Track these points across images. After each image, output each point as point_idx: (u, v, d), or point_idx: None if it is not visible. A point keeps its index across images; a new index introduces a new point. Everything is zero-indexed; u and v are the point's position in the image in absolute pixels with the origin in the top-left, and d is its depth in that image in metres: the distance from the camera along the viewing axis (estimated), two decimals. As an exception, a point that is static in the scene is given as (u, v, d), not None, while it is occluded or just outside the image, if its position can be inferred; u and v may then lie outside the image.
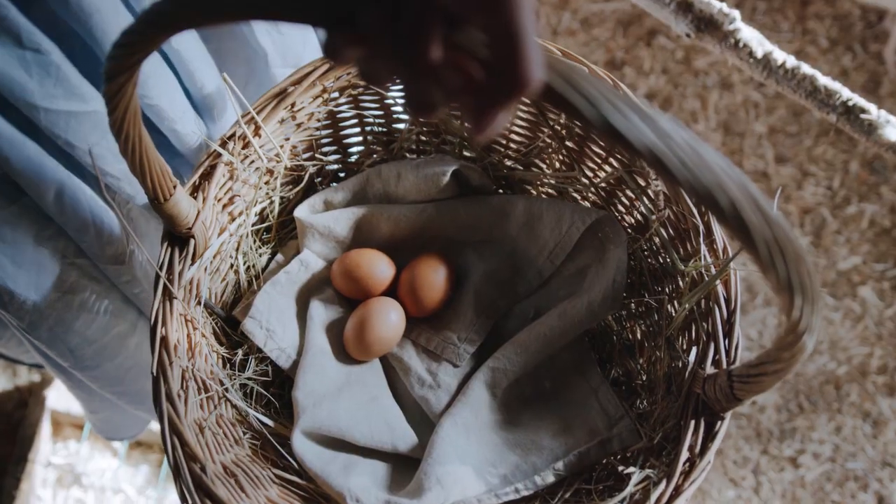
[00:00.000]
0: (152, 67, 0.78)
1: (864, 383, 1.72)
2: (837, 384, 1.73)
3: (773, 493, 1.64)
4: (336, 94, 0.85)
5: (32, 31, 0.70)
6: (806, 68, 0.77)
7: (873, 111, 0.77)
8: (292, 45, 0.92)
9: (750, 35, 0.78)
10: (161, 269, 0.75)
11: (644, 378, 0.85)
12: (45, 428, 1.63)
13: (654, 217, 0.80)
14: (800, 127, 1.93)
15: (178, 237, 0.76)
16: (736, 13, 0.77)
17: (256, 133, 0.81)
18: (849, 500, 1.63)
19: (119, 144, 0.63)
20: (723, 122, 1.94)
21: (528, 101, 0.85)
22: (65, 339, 0.92)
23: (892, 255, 1.82)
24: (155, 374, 0.71)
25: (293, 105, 0.83)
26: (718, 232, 0.76)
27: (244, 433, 0.79)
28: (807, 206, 1.88)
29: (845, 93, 0.77)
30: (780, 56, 0.78)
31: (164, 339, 0.72)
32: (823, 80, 0.78)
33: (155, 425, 1.56)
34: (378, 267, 0.88)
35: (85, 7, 0.71)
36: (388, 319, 0.85)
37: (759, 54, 0.78)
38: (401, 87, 0.43)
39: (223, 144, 0.80)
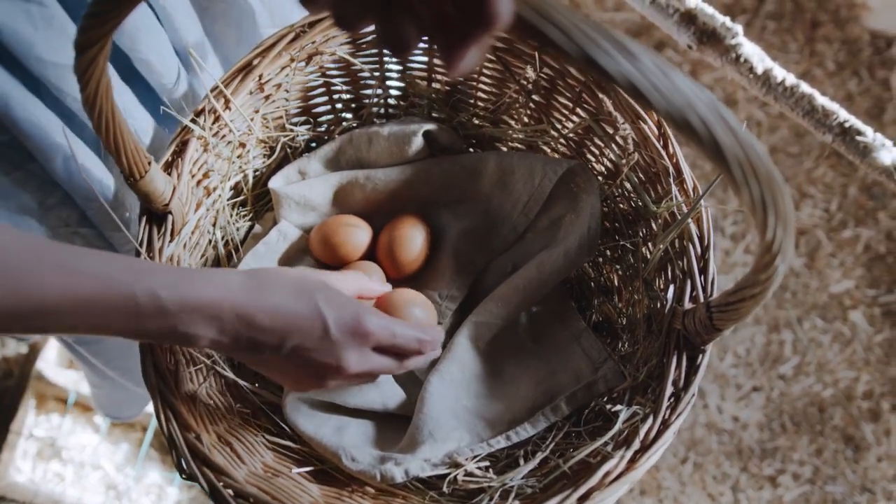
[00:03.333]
0: (142, 21, 0.78)
1: (849, 407, 1.74)
2: (822, 406, 1.74)
3: (750, 512, 1.66)
4: (302, 64, 0.86)
5: None
6: (805, 87, 0.78)
7: (869, 134, 0.78)
8: (281, 4, 0.92)
9: (751, 50, 0.79)
10: (141, 246, 0.75)
11: (624, 321, 0.87)
12: (29, 400, 1.65)
13: (623, 162, 0.82)
14: (801, 148, 1.93)
15: (155, 214, 0.77)
16: (738, 28, 0.78)
17: (227, 107, 0.81)
18: (826, 522, 1.65)
19: (93, 121, 0.63)
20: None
21: (497, 48, 0.86)
22: None
23: (885, 281, 1.83)
24: (142, 349, 0.71)
25: (261, 77, 0.83)
26: (688, 172, 0.78)
27: (235, 403, 0.80)
28: (803, 227, 1.88)
29: (842, 114, 0.78)
30: (780, 73, 0.79)
31: (150, 315, 0.72)
32: (821, 100, 0.79)
33: (149, 406, 1.57)
34: (355, 233, 0.89)
35: None
36: (370, 283, 0.86)
37: (759, 70, 0.79)
38: (375, 26, 0.44)
39: (194, 119, 0.80)
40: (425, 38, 0.43)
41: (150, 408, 1.60)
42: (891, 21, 1.98)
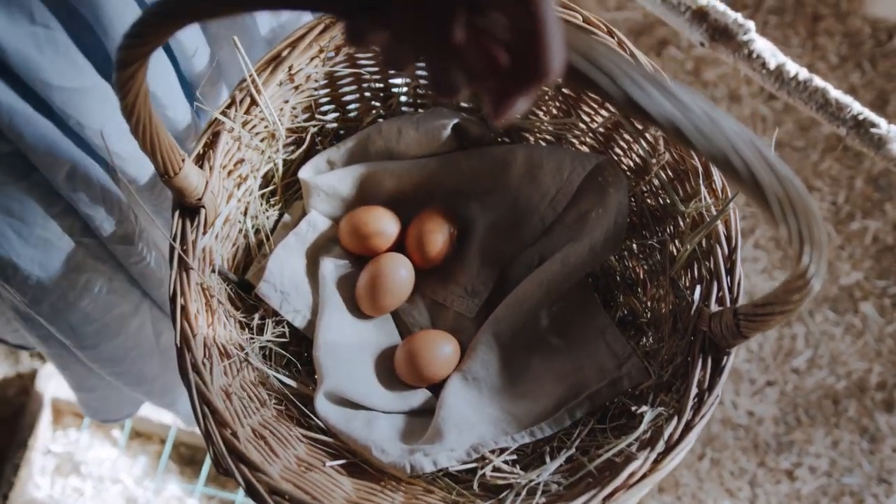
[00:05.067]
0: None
1: (863, 399, 1.74)
2: (836, 399, 1.74)
3: (768, 506, 1.67)
4: (332, 54, 0.86)
5: (42, 8, 0.71)
6: (818, 81, 0.78)
7: (883, 126, 0.77)
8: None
9: (763, 46, 0.78)
10: (175, 240, 0.76)
11: (648, 316, 0.87)
12: (46, 415, 1.63)
13: (654, 160, 0.82)
14: (807, 142, 1.91)
15: (188, 208, 0.77)
16: (751, 24, 0.77)
17: (255, 100, 0.82)
18: (844, 514, 1.66)
19: (130, 126, 0.64)
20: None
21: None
22: (66, 316, 0.93)
23: (894, 272, 1.82)
24: (179, 344, 0.72)
25: (290, 68, 0.83)
26: (716, 172, 0.78)
27: (268, 395, 0.81)
28: None
29: (856, 107, 0.78)
30: (793, 68, 0.78)
31: (185, 310, 0.73)
32: (835, 94, 0.78)
33: (151, 414, 1.58)
34: (384, 223, 0.89)
35: None
36: (399, 275, 0.87)
37: (772, 66, 0.78)
38: (423, 68, 0.44)
39: (224, 112, 0.80)
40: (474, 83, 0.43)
41: (167, 419, 1.61)
42: (892, 8, 1.96)
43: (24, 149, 0.77)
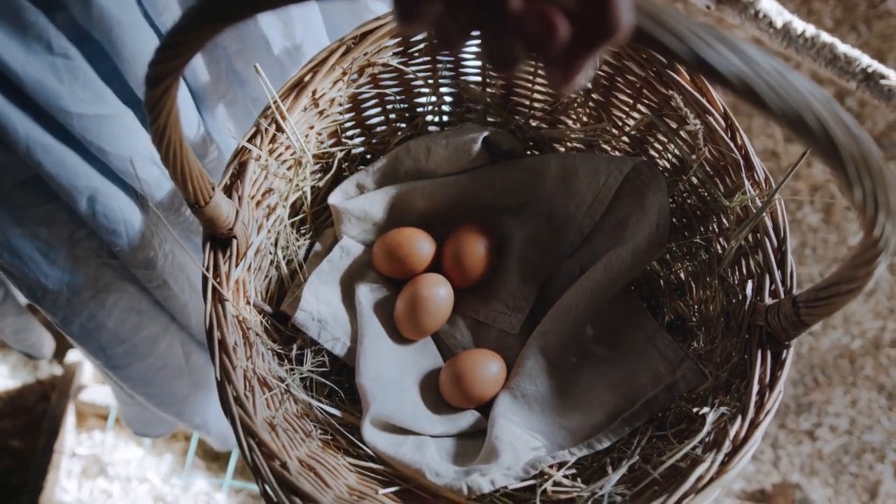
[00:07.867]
0: None
1: (878, 356, 1.75)
2: (852, 358, 1.76)
3: (791, 466, 1.67)
4: (355, 76, 0.84)
5: (60, 37, 0.71)
6: (825, 36, 0.78)
7: (892, 77, 0.78)
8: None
9: (769, 5, 0.78)
10: (208, 270, 0.74)
11: (696, 318, 0.85)
12: (70, 419, 1.65)
13: (693, 157, 0.80)
14: None
15: (219, 239, 0.75)
16: None
17: (281, 127, 0.80)
18: (866, 471, 1.66)
19: (160, 152, 0.62)
20: (731, 102, 1.95)
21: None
22: (96, 337, 0.94)
23: None
24: (219, 378, 0.70)
25: (314, 92, 0.81)
26: (758, 164, 0.76)
27: (313, 426, 0.79)
28: (816, 183, 1.89)
29: (865, 59, 0.78)
30: (800, 25, 0.78)
31: (223, 343, 0.71)
32: (843, 48, 0.78)
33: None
34: (419, 244, 0.87)
35: (106, 18, 0.71)
36: (438, 295, 0.85)
37: (779, 24, 0.79)
38: (480, 42, 0.42)
39: (249, 140, 0.79)
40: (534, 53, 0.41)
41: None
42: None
43: (43, 176, 0.77)
